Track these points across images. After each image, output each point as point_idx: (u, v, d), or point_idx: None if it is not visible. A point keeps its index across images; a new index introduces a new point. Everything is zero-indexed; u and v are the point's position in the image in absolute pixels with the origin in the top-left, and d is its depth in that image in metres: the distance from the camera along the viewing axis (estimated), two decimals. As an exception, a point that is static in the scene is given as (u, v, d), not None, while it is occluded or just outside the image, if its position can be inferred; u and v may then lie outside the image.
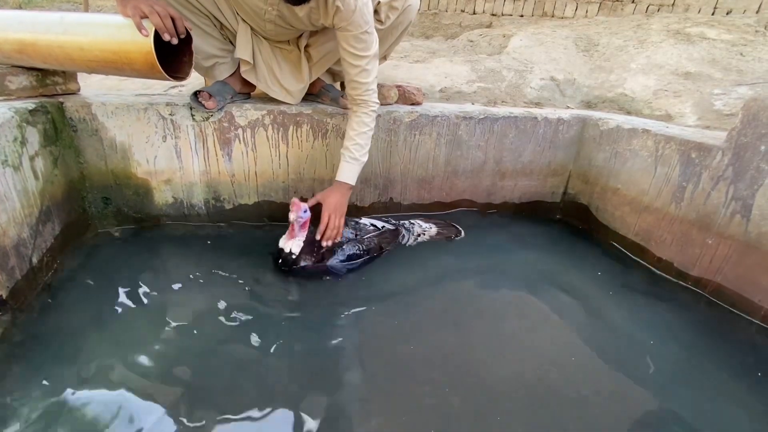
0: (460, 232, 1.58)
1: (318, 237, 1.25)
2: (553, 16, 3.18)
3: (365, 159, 1.30)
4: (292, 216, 1.16)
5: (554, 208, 1.93)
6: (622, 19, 2.75)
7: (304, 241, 1.23)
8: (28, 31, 1.06)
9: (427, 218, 1.61)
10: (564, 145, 1.79)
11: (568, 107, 2.00)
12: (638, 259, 1.51)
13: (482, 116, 1.62)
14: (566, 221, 1.85)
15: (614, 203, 1.64)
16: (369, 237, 1.38)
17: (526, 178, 1.82)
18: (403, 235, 1.49)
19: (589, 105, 2.06)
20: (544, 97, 2.04)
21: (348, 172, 1.28)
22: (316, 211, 1.26)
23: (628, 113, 1.91)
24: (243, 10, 1.23)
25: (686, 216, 1.36)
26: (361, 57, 1.18)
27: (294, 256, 1.21)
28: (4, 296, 0.93)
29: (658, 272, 1.43)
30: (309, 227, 1.25)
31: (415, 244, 1.50)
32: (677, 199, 1.38)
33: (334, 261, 1.27)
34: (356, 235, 1.36)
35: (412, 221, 1.56)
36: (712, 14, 2.74)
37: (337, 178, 1.29)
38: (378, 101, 1.29)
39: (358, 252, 1.32)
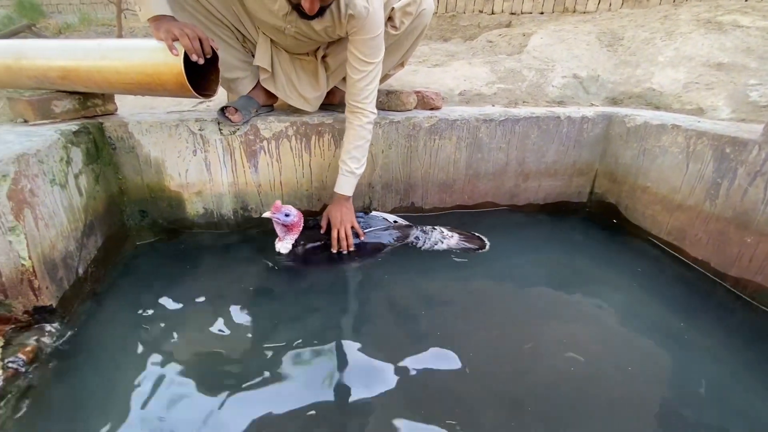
0: (484, 245, 1.50)
1: (333, 250, 1.36)
2: (574, 12, 3.11)
3: (362, 170, 1.36)
4: (266, 214, 1.28)
5: (581, 208, 1.88)
6: (648, 10, 2.65)
7: (299, 236, 1.35)
8: (70, 58, 1.14)
9: (451, 228, 1.55)
10: (589, 143, 1.75)
11: (593, 105, 1.95)
12: (672, 260, 1.46)
13: (503, 118, 1.61)
14: (594, 221, 1.81)
15: (644, 202, 1.59)
16: (373, 231, 1.43)
17: (551, 179, 1.79)
18: (417, 237, 1.47)
19: (614, 102, 2.00)
20: (567, 96, 2.00)
21: (345, 185, 1.35)
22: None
23: (657, 108, 1.85)
24: (264, 26, 1.28)
25: (722, 214, 1.30)
26: (367, 63, 1.21)
27: (283, 256, 1.34)
28: (54, 305, 1.01)
29: (694, 273, 1.38)
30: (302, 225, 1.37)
31: (431, 249, 1.46)
32: (712, 196, 1.33)
33: (327, 253, 1.36)
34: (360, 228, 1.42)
35: (434, 227, 1.53)
36: (746, 0, 2.60)
37: (335, 190, 1.36)
38: (375, 111, 1.31)
39: (356, 244, 1.39)
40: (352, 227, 1.37)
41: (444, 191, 1.70)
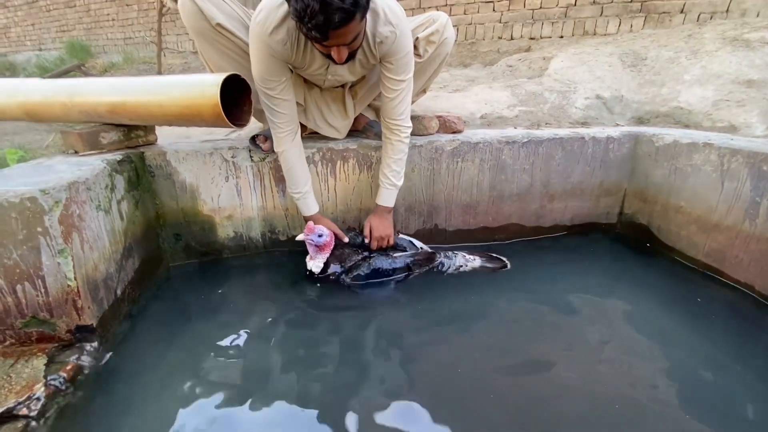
0: (506, 265, 1.53)
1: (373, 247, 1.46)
2: (595, 34, 3.13)
3: (402, 182, 1.43)
4: (300, 236, 1.34)
5: (610, 229, 1.83)
6: (670, 30, 2.64)
7: (330, 255, 1.39)
8: (119, 94, 1.24)
9: (471, 251, 1.59)
10: (616, 163, 1.72)
11: (618, 125, 1.93)
12: (712, 283, 1.39)
13: (526, 139, 1.62)
14: (625, 243, 1.75)
15: (678, 222, 1.54)
16: (400, 256, 1.44)
17: (577, 200, 1.76)
18: (442, 263, 1.48)
19: (640, 121, 1.97)
20: (591, 116, 1.99)
21: (388, 197, 1.43)
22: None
23: (686, 127, 1.81)
24: (305, 74, 1.35)
25: (764, 234, 1.24)
26: (400, 81, 1.26)
27: (316, 275, 1.38)
28: (94, 325, 1.05)
29: (737, 296, 1.30)
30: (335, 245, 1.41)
31: (457, 273, 1.47)
32: (751, 215, 1.27)
33: (358, 273, 1.38)
34: (386, 251, 1.45)
35: (455, 252, 1.55)
36: (775, 16, 2.55)
37: (378, 203, 1.43)
38: (410, 124, 1.36)
39: (384, 268, 1.41)
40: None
41: (467, 213, 1.70)
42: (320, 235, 1.34)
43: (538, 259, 1.61)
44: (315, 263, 1.38)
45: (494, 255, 1.57)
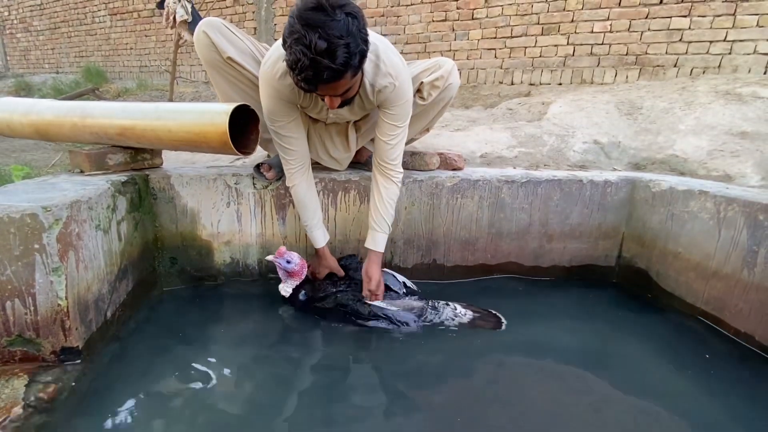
0: (500, 325, 1.39)
1: (369, 302, 1.35)
2: (592, 83, 3.26)
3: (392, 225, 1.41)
4: (269, 257, 1.34)
5: (609, 272, 1.82)
6: (664, 82, 2.76)
7: (307, 284, 1.40)
8: (129, 117, 1.28)
9: (466, 305, 1.43)
10: (614, 207, 1.74)
11: (615, 169, 1.97)
12: (712, 331, 1.36)
13: (525, 179, 1.65)
14: (624, 287, 1.73)
15: (677, 268, 1.53)
16: (375, 304, 1.33)
17: (576, 241, 1.77)
18: (426, 317, 1.37)
19: (637, 167, 2.01)
20: (589, 160, 2.04)
21: (381, 242, 1.36)
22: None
23: (682, 174, 1.84)
24: (310, 114, 1.40)
25: (763, 283, 1.24)
26: (397, 126, 1.28)
27: (286, 298, 1.39)
28: (80, 347, 1.03)
29: (738, 346, 1.28)
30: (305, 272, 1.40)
31: (441, 325, 1.36)
32: (749, 264, 1.27)
33: (322, 305, 1.36)
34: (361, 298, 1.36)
35: (447, 303, 1.42)
36: (765, 73, 2.68)
37: (373, 249, 1.35)
38: (402, 169, 1.35)
39: (352, 308, 1.33)
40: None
41: (466, 249, 1.70)
42: (289, 261, 1.32)
43: (537, 301, 1.59)
44: (284, 287, 1.38)
45: (491, 311, 1.44)
